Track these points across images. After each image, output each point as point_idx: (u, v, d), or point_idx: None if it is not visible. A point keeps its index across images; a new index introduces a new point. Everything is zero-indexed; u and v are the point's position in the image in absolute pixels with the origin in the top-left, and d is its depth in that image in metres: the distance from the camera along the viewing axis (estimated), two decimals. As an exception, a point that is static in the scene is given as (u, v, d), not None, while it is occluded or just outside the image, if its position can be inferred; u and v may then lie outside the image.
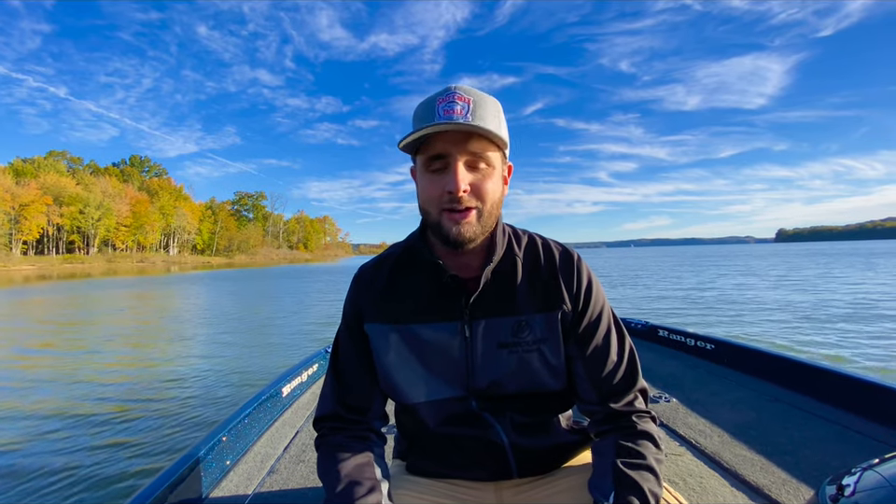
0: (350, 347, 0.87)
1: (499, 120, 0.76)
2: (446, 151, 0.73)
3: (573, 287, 0.83)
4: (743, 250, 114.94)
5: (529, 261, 0.85)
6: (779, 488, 1.58)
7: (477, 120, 0.71)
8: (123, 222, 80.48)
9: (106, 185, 79.66)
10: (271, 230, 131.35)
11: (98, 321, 11.11)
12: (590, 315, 0.83)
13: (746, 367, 2.61)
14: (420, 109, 0.76)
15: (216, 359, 6.42)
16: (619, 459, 0.75)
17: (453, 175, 0.72)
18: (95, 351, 7.26)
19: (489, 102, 0.75)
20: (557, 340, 0.82)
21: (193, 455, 1.51)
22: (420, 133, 0.71)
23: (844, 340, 6.82)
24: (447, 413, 0.84)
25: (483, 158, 0.74)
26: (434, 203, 0.75)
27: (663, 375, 2.86)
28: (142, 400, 4.52)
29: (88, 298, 17.75)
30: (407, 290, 0.85)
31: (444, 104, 0.72)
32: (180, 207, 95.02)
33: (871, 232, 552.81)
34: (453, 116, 0.71)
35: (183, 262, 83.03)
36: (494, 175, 0.76)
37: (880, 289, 13.51)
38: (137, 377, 5.53)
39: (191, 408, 4.25)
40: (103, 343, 8.02)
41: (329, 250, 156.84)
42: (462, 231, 0.74)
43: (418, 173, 0.79)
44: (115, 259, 76.57)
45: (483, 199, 0.75)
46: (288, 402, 2.48)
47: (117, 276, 37.07)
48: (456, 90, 0.74)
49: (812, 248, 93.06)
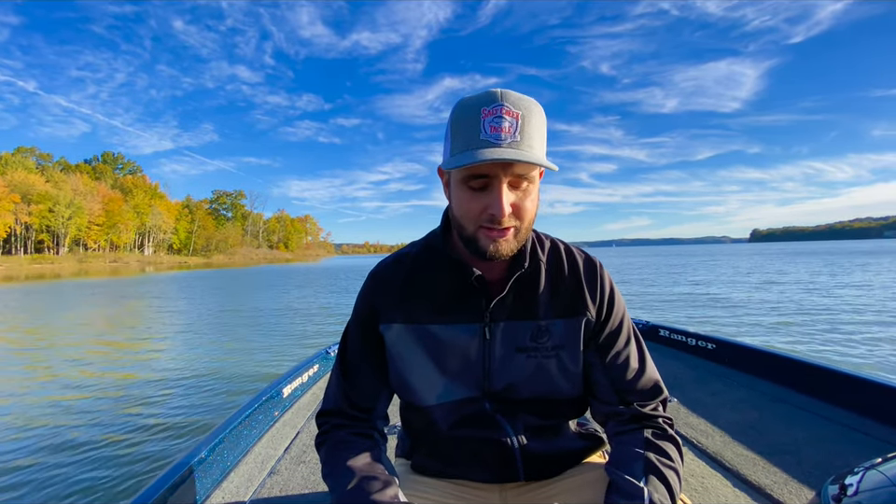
0: (360, 344, 0.85)
1: (543, 135, 0.72)
2: (492, 173, 0.69)
3: (596, 295, 0.82)
4: (722, 250, 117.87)
5: (552, 267, 0.84)
6: (781, 488, 1.58)
7: (525, 141, 0.68)
8: (95, 221, 77.87)
9: (77, 182, 76.92)
10: (250, 229, 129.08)
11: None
12: (612, 324, 0.83)
13: (747, 367, 2.61)
14: (462, 117, 0.70)
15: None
16: (649, 452, 0.74)
17: (497, 198, 0.69)
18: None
19: (536, 114, 0.70)
20: (577, 347, 0.81)
21: (194, 456, 1.49)
22: (468, 165, 0.66)
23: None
24: (460, 415, 0.83)
25: (527, 178, 0.71)
26: (472, 220, 0.72)
27: (664, 375, 2.80)
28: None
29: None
30: (426, 290, 0.83)
31: (491, 118, 0.67)
32: (155, 206, 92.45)
33: (839, 233, 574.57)
34: (500, 134, 0.67)
35: (158, 262, 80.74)
36: (533, 192, 0.74)
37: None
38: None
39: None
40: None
41: (311, 250, 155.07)
42: (500, 248, 0.72)
43: (454, 183, 0.74)
44: (86, 258, 74.02)
45: (523, 218, 0.73)
46: (289, 403, 2.44)
47: (88, 277, 35.82)
48: (504, 101, 0.68)
49: (800, 248, 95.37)
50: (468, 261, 0.79)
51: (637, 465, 0.73)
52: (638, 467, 0.73)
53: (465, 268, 0.79)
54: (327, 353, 3.09)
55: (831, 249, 68.14)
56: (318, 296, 16.97)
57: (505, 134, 0.67)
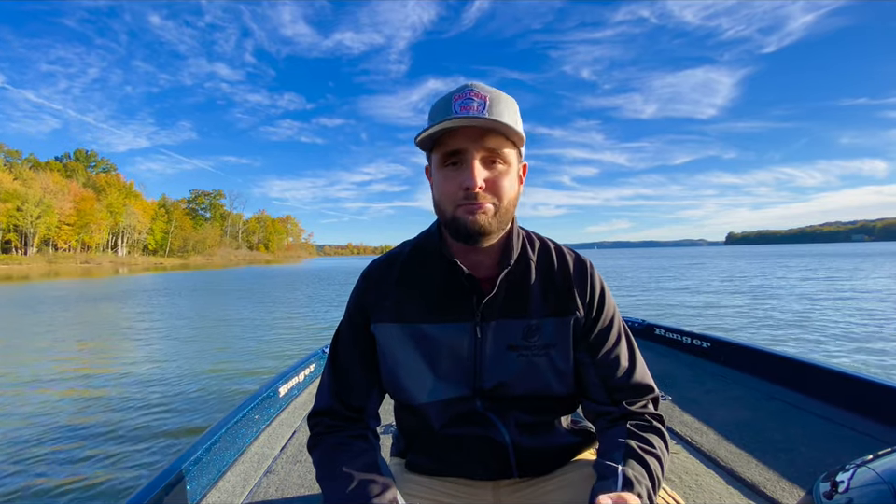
0: (351, 344, 0.85)
1: (516, 118, 0.75)
2: (462, 147, 0.72)
3: (586, 294, 0.83)
4: (703, 252, 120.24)
5: (543, 266, 0.85)
6: (774, 485, 1.58)
7: (494, 116, 0.70)
8: (66, 220, 75.04)
9: (47, 180, 73.99)
10: (229, 229, 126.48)
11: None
12: (602, 323, 0.83)
13: (741, 365, 2.62)
14: (436, 105, 0.75)
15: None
16: (630, 440, 0.75)
17: (469, 171, 0.71)
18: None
19: (505, 99, 0.74)
20: (567, 345, 0.81)
21: (190, 455, 1.48)
22: (437, 128, 0.70)
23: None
24: (452, 413, 0.83)
25: (500, 154, 0.73)
26: (449, 200, 0.74)
27: (658, 373, 2.87)
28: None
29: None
30: (417, 289, 0.83)
31: (461, 100, 0.71)
32: (130, 205, 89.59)
33: (810, 236, 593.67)
34: (469, 112, 0.70)
35: (133, 263, 78.36)
36: (510, 173, 0.75)
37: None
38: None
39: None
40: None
41: (292, 251, 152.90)
42: (477, 219, 0.72)
43: (433, 170, 0.78)
44: (56, 259, 71.32)
45: (500, 195, 0.74)
46: (285, 402, 2.41)
47: (59, 279, 34.57)
48: (473, 86, 0.73)
49: (779, 251, 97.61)
50: (458, 260, 0.79)
51: (618, 452, 0.74)
52: (619, 453, 0.74)
53: (455, 266, 0.79)
54: (323, 352, 3.06)
55: (814, 252, 69.48)
56: (312, 307, 13.73)
57: (474, 111, 0.70)
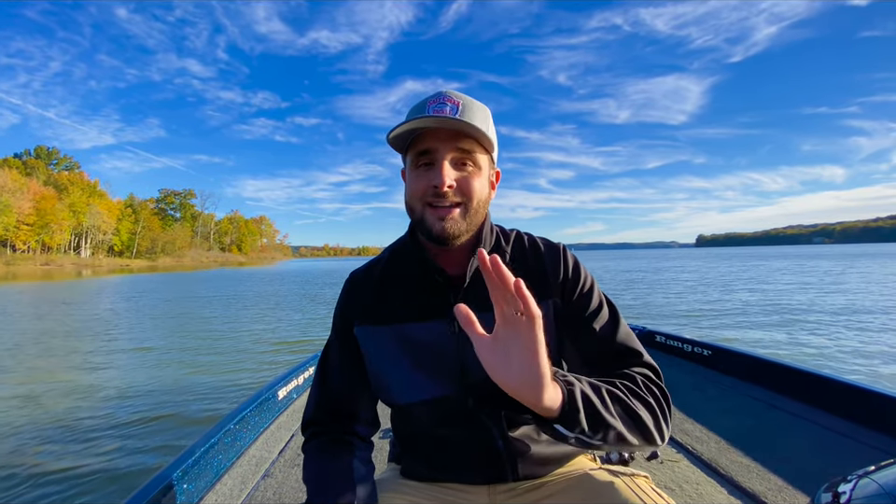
0: (338, 352, 0.87)
1: (488, 123, 0.77)
2: (433, 147, 0.74)
3: (559, 274, 0.83)
4: (679, 254, 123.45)
5: (517, 256, 0.86)
6: (776, 495, 1.55)
7: (466, 118, 0.73)
8: (25, 220, 71.59)
9: (5, 178, 70.27)
10: (200, 230, 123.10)
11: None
12: (579, 300, 0.82)
13: (743, 373, 2.59)
14: (412, 109, 0.78)
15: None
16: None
17: (438, 170, 0.73)
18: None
19: (478, 106, 0.77)
20: (549, 331, 0.80)
21: (187, 458, 1.46)
22: (409, 126, 0.72)
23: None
24: (442, 413, 0.82)
25: (471, 157, 0.75)
26: (418, 198, 0.76)
27: None
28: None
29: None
30: (397, 290, 0.84)
31: (435, 104, 0.74)
32: (94, 205, 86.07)
33: (775, 238, 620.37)
34: (442, 114, 0.73)
35: (97, 265, 75.24)
36: (480, 175, 0.77)
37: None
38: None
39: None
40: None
41: (266, 252, 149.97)
42: (446, 226, 0.74)
43: (407, 170, 0.80)
44: (14, 261, 67.85)
45: (469, 195, 0.75)
46: (284, 406, 2.36)
47: (16, 282, 32.86)
48: (447, 92, 0.76)
49: (749, 252, 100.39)
50: (432, 258, 0.81)
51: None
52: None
53: (429, 264, 0.81)
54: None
55: (786, 253, 71.85)
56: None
57: (447, 115, 0.73)
